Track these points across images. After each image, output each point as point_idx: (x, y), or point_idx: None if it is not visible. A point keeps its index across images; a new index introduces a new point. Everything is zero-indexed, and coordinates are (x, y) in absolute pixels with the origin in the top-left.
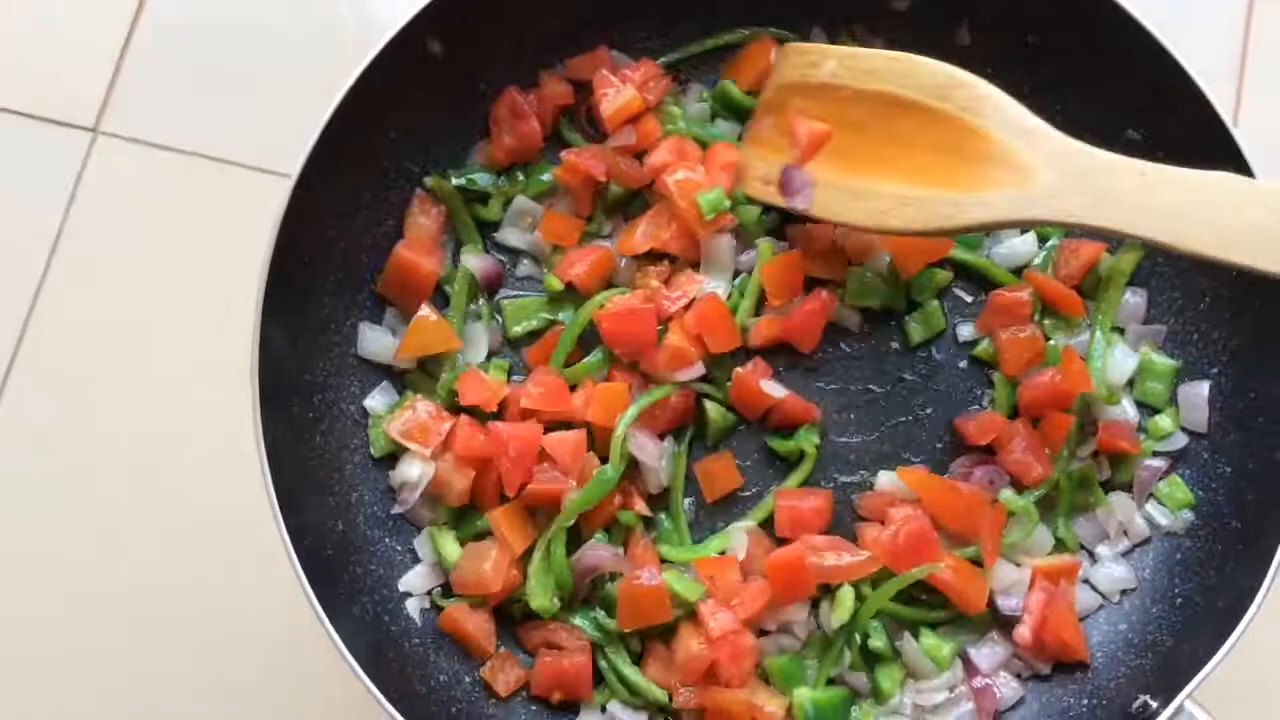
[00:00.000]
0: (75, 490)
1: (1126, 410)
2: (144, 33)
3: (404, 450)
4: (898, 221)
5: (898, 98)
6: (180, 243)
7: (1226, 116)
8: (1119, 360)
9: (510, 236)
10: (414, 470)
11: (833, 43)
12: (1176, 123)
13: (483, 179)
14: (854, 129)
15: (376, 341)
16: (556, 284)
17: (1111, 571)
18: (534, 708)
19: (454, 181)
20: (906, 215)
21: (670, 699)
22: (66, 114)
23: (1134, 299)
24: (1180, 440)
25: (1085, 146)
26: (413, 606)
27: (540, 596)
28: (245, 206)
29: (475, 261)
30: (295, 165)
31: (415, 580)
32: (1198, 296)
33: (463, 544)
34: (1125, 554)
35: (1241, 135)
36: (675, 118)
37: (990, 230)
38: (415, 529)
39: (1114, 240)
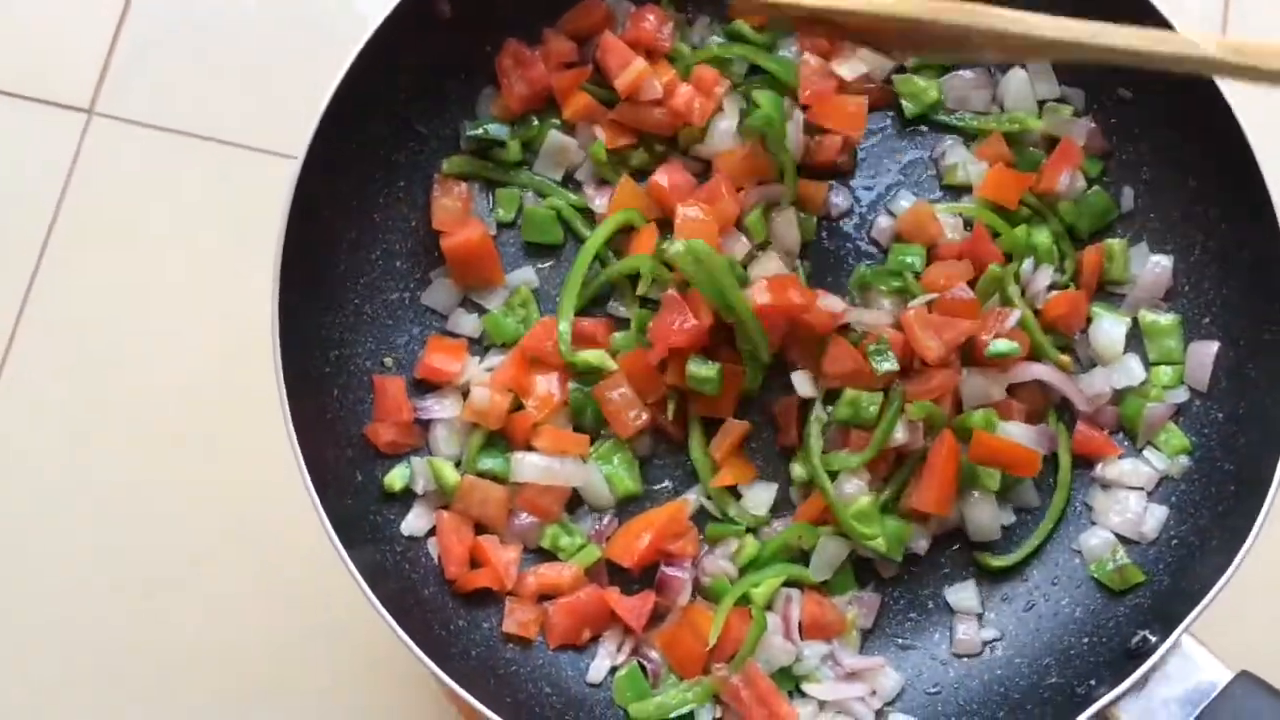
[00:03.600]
0: (77, 466)
1: (1134, 371)
2: (138, 12)
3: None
4: None
5: None
6: (178, 223)
7: None
8: (1107, 331)
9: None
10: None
11: None
12: (1167, 84)
13: (496, 129)
14: None
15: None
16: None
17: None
18: (550, 652)
19: (469, 133)
20: None
21: None
22: (61, 95)
23: (1159, 266)
24: (1182, 394)
25: None
26: (433, 549)
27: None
28: (243, 186)
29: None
30: (304, 134)
31: (415, 522)
32: (1188, 249)
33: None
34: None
35: (1228, 90)
36: (684, 55)
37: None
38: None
39: None
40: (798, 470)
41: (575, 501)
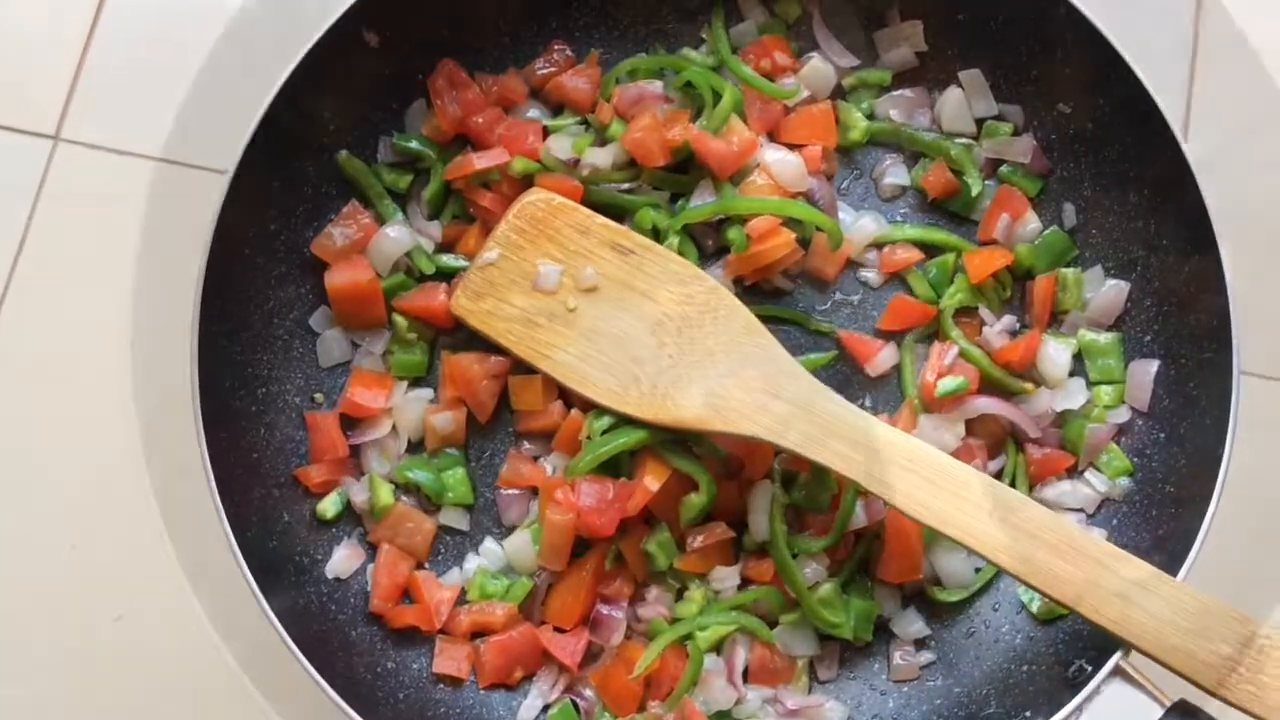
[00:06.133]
0: (31, 488)
1: (1077, 394)
2: (102, 39)
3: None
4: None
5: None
6: (143, 247)
7: (1160, 98)
8: (1052, 356)
9: None
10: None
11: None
12: (1106, 99)
13: (421, 145)
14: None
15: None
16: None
17: None
18: (481, 693)
19: (397, 142)
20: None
21: None
22: (27, 121)
23: (1114, 289)
24: (1124, 414)
25: None
26: (364, 586)
27: None
28: (208, 209)
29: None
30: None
31: (340, 564)
32: (1129, 266)
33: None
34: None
35: (1193, 115)
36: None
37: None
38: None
39: None
40: (749, 540)
41: None
